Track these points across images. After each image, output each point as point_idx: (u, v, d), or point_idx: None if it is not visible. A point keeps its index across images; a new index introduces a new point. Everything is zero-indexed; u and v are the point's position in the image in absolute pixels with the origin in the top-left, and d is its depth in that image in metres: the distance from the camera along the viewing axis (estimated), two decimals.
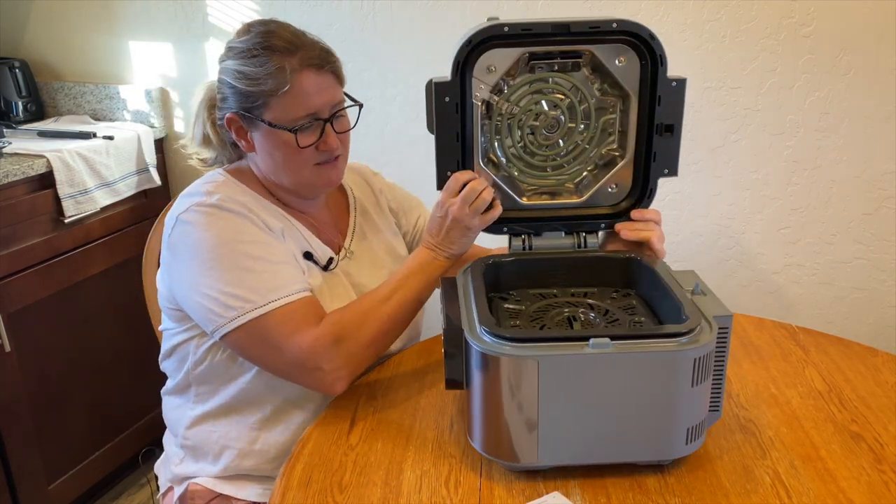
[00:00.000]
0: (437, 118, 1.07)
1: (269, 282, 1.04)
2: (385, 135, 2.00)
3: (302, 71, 1.08)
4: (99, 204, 1.86)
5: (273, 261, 1.06)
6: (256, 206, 1.12)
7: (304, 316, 1.04)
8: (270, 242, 1.09)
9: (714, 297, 0.95)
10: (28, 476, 1.76)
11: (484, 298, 0.96)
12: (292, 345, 1.02)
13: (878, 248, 1.81)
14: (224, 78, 1.12)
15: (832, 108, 1.73)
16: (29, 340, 1.74)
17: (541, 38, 1.04)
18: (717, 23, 1.72)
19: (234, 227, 1.06)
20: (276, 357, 1.04)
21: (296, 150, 1.10)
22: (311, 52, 1.09)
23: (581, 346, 0.85)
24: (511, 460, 0.91)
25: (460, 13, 1.84)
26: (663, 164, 1.09)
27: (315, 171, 1.14)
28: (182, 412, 1.20)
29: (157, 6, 2.05)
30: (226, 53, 1.13)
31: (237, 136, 1.14)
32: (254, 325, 1.02)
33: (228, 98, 1.12)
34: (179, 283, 1.08)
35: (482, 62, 1.05)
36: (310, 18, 1.95)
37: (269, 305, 1.02)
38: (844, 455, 0.95)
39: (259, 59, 1.07)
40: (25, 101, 2.13)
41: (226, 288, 1.03)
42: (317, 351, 1.02)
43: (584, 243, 1.13)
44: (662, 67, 1.04)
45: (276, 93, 1.07)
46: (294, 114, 1.09)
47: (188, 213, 1.07)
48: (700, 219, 1.88)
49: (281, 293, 1.04)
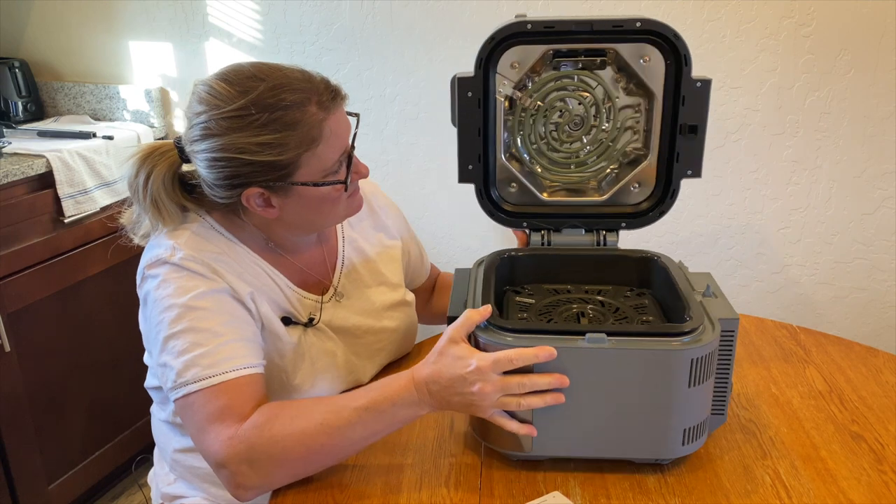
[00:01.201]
0: (459, 112, 1.08)
1: (205, 357, 0.94)
2: (385, 135, 2.00)
3: (327, 116, 0.98)
4: (99, 204, 1.86)
5: (217, 333, 0.96)
6: (227, 265, 1.01)
7: (228, 402, 0.92)
8: (223, 310, 0.98)
9: (724, 300, 0.95)
10: (28, 476, 1.76)
11: (491, 290, 0.97)
12: (206, 434, 0.92)
13: (878, 248, 1.81)
14: (228, 156, 0.95)
15: (832, 108, 1.73)
16: (29, 340, 1.74)
17: (564, 35, 1.05)
18: (717, 23, 1.72)
19: (189, 289, 0.97)
20: (198, 441, 0.95)
21: (338, 197, 1.02)
22: (320, 88, 0.98)
23: (577, 341, 0.85)
24: (507, 448, 0.92)
25: (460, 13, 1.84)
26: (687, 164, 1.09)
27: (347, 205, 1.06)
28: (168, 440, 1.17)
29: (157, 6, 2.05)
30: (218, 128, 0.95)
31: (258, 208, 1.01)
32: (182, 403, 0.95)
33: (240, 175, 0.97)
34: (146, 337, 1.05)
35: (506, 59, 1.06)
36: (310, 18, 1.95)
37: (197, 384, 0.93)
38: (845, 455, 0.95)
39: (277, 124, 0.94)
40: (25, 101, 2.13)
41: (166, 357, 0.96)
42: (226, 451, 0.90)
43: (604, 241, 1.14)
44: (687, 67, 1.04)
45: (307, 150, 0.96)
46: (329, 161, 0.99)
47: (151, 267, 1.00)
48: (700, 219, 1.88)
49: (212, 370, 0.93)
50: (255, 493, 0.92)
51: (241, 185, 0.98)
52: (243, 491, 0.91)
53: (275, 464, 0.90)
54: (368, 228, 1.23)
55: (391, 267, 1.23)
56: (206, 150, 0.97)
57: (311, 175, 0.99)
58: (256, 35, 2.00)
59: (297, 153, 0.96)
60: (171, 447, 1.16)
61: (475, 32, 1.83)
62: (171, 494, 1.18)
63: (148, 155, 1.02)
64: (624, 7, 1.76)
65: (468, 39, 1.84)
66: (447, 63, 1.88)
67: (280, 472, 0.91)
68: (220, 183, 0.98)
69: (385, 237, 1.25)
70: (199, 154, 0.98)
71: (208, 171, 0.98)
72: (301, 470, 0.92)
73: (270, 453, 0.89)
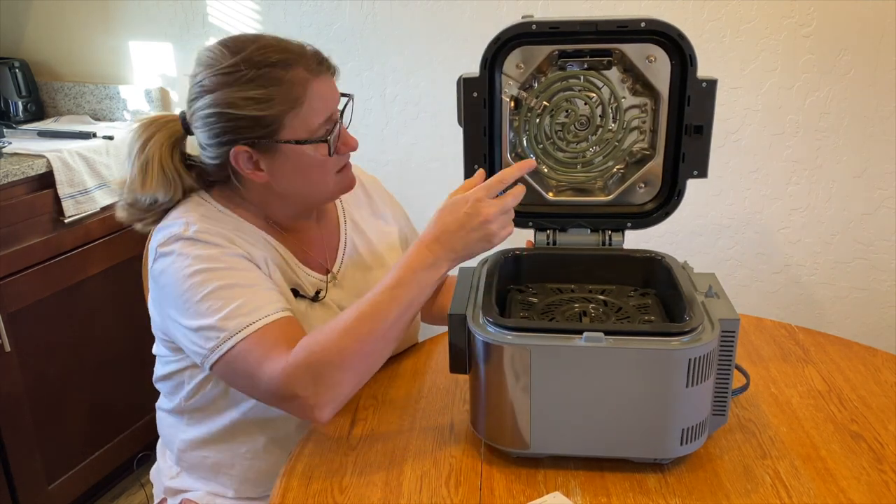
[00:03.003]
0: (465, 113, 1.08)
1: (243, 307, 0.98)
2: (385, 135, 2.00)
3: (312, 77, 1.02)
4: (99, 204, 1.86)
5: (247, 285, 1.00)
6: (238, 235, 1.06)
7: (276, 340, 0.96)
8: (246, 267, 1.03)
9: (727, 300, 0.95)
10: (28, 476, 1.76)
11: (493, 288, 0.98)
12: (263, 373, 0.95)
13: (878, 248, 1.81)
14: (218, 111, 1.00)
15: (832, 108, 1.73)
16: (29, 340, 1.74)
17: (569, 36, 1.05)
18: (717, 23, 1.72)
19: (209, 256, 1.01)
20: (254, 387, 0.98)
21: (323, 162, 1.05)
22: (308, 54, 1.04)
23: (575, 339, 0.86)
24: (505, 445, 0.93)
25: (460, 13, 1.84)
26: (693, 164, 1.09)
27: (337, 180, 1.09)
28: (175, 432, 1.18)
29: (157, 6, 2.05)
30: (211, 84, 1.01)
31: (246, 170, 1.05)
32: (230, 356, 0.97)
33: (228, 131, 1.01)
34: (166, 318, 1.04)
35: (511, 59, 1.07)
36: (310, 18, 1.95)
37: (242, 332, 0.96)
38: (844, 455, 0.95)
39: (263, 80, 0.99)
40: (25, 101, 2.13)
41: (202, 320, 0.98)
42: (288, 378, 0.93)
43: (609, 241, 1.14)
44: (692, 68, 1.04)
45: (291, 109, 1.01)
46: (314, 124, 1.03)
47: (165, 245, 1.02)
48: (700, 219, 1.88)
49: (254, 317, 0.97)
50: (331, 409, 0.95)
51: (229, 143, 1.02)
52: (320, 411, 0.94)
53: (336, 368, 0.93)
54: (367, 216, 1.26)
55: (391, 253, 1.26)
56: (200, 108, 1.02)
57: (295, 135, 1.02)
58: None
59: (282, 110, 1.00)
60: (178, 438, 1.17)
61: (475, 33, 1.84)
62: (175, 488, 1.19)
63: (151, 122, 1.07)
64: (624, 7, 1.76)
65: (468, 40, 1.85)
66: (447, 63, 1.88)
67: (345, 376, 0.94)
68: (211, 142, 1.03)
69: (383, 224, 1.28)
70: (195, 115, 1.03)
71: (201, 131, 1.04)
72: (362, 366, 0.96)
73: (328, 360, 0.93)
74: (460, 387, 1.11)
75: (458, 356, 0.93)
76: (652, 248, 1.11)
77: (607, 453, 0.92)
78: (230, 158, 1.03)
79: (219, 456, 1.14)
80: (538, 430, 0.90)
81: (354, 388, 0.97)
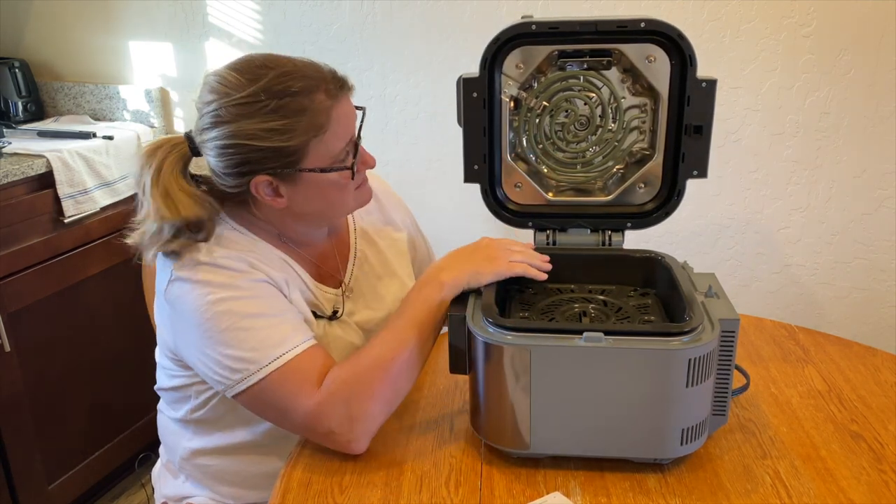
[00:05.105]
0: (464, 113, 1.09)
1: (270, 338, 0.96)
2: (385, 135, 2.00)
3: (334, 103, 0.99)
4: (99, 204, 1.86)
5: (272, 314, 0.98)
6: (257, 258, 1.02)
7: (306, 373, 0.96)
8: (269, 294, 1.01)
9: (726, 300, 0.95)
10: (28, 476, 1.76)
11: (493, 288, 0.98)
12: (297, 409, 0.95)
13: (878, 248, 1.81)
14: (237, 142, 0.96)
15: (832, 108, 1.73)
16: (29, 340, 1.74)
17: (569, 36, 1.05)
18: (717, 23, 1.72)
19: (233, 285, 0.98)
20: (285, 420, 0.98)
21: (344, 185, 1.03)
22: (328, 77, 1.00)
23: (575, 339, 0.86)
24: (505, 445, 0.93)
25: (460, 13, 1.84)
26: (692, 164, 1.09)
27: (355, 195, 1.07)
28: (179, 440, 1.16)
29: (157, 6, 2.05)
30: (228, 115, 0.96)
31: (266, 197, 1.01)
32: (259, 389, 0.95)
33: (248, 162, 0.97)
34: (184, 343, 1.02)
35: (511, 59, 1.07)
36: (310, 18, 1.95)
37: (271, 365, 0.95)
38: (844, 455, 0.95)
39: (285, 110, 0.95)
40: (25, 101, 2.12)
41: (227, 350, 0.96)
42: (323, 416, 0.94)
43: (609, 241, 1.14)
44: (692, 68, 1.04)
45: (315, 136, 0.97)
46: (336, 148, 1.00)
47: (184, 269, 0.98)
48: (700, 219, 1.88)
49: (283, 349, 0.96)
50: (367, 440, 0.97)
51: (249, 173, 0.98)
52: (357, 444, 0.96)
53: (368, 398, 0.95)
54: (378, 222, 1.25)
55: (400, 260, 1.25)
56: (216, 139, 0.97)
57: (319, 162, 1.00)
58: (256, 35, 2.00)
59: (305, 139, 0.97)
60: (182, 446, 1.15)
61: (475, 33, 1.84)
62: (177, 496, 1.18)
63: (157, 148, 1.01)
64: (624, 7, 1.76)
65: (468, 40, 1.84)
66: (447, 63, 1.88)
67: (376, 405, 0.96)
68: (229, 171, 0.99)
69: (393, 230, 1.27)
70: (208, 143, 0.99)
71: (218, 160, 0.99)
72: (391, 393, 0.97)
73: (359, 392, 0.95)
74: (460, 387, 1.11)
75: (458, 356, 0.93)
76: (652, 248, 1.11)
77: (607, 453, 0.92)
78: (250, 187, 1.00)
79: (224, 465, 1.13)
80: (538, 431, 0.90)
81: (386, 416, 0.98)
